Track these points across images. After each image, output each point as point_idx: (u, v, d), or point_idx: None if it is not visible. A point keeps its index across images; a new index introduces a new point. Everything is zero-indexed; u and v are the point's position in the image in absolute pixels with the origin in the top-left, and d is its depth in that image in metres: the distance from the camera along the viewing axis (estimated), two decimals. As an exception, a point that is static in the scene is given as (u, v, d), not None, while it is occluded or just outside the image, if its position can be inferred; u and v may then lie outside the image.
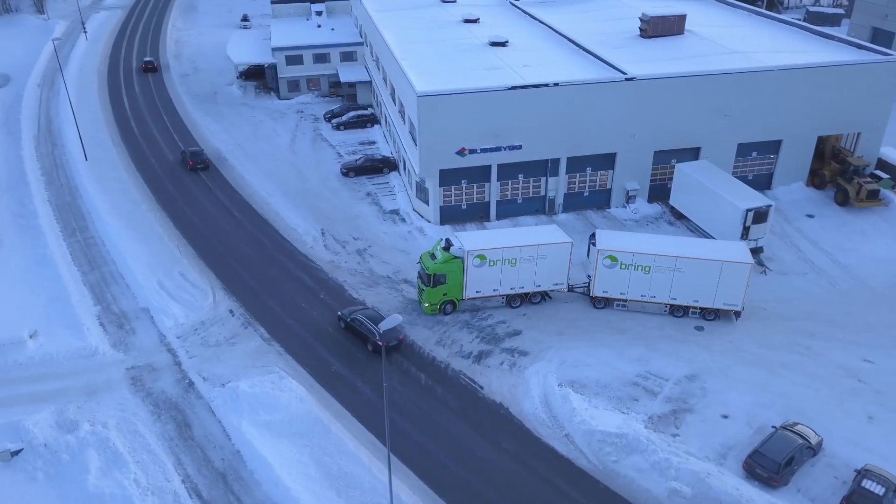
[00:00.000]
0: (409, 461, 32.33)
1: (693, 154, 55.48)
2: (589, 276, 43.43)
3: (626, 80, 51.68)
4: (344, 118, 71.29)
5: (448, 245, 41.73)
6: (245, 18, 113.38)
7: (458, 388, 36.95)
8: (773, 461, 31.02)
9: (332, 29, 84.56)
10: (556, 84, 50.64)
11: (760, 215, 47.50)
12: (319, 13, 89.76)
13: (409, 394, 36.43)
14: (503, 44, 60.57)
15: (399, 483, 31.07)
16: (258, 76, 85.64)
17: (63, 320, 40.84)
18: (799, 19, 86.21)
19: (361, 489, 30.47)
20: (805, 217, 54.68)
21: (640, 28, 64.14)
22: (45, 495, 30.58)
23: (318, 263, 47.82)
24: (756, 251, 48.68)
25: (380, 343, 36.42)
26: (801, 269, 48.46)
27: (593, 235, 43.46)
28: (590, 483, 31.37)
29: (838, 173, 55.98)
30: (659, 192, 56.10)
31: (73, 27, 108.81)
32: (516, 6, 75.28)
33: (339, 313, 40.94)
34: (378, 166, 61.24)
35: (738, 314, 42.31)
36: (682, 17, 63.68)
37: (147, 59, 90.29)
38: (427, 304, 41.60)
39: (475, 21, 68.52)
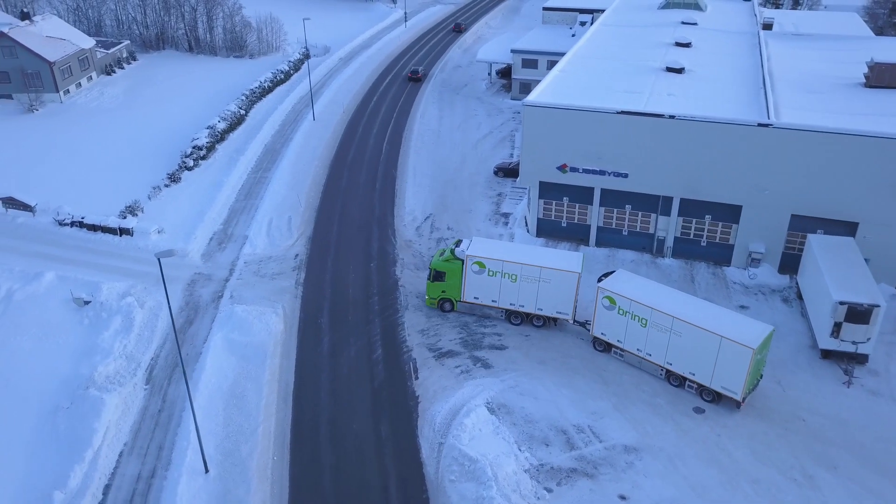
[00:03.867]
0: (297, 411, 35.95)
1: (848, 229, 45.93)
2: (598, 316, 40.67)
3: (759, 125, 45.19)
4: (540, 124, 73.13)
5: (457, 245, 43.08)
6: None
7: (397, 371, 38.89)
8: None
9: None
10: (671, 116, 46.77)
11: (858, 314, 38.40)
12: (583, 23, 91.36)
13: (354, 361, 39.59)
14: (679, 70, 56.66)
15: (272, 423, 35.12)
16: (509, 75, 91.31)
17: (188, 228, 52.60)
18: None
19: (241, 411, 35.33)
20: (983, 343, 41.64)
21: (864, 75, 53.97)
22: (79, 335, 41.65)
23: (397, 239, 52.46)
24: (854, 358, 39.59)
25: None
26: (903, 396, 37.94)
27: (607, 274, 40.44)
28: (416, 491, 31.47)
29: None
30: (793, 262, 47.78)
31: (410, 15, 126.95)
32: (761, 35, 68.05)
33: None
34: (526, 172, 62.56)
35: (738, 404, 35.87)
36: (922, 69, 51.75)
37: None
38: (427, 297, 43.59)
39: (686, 45, 64.35)
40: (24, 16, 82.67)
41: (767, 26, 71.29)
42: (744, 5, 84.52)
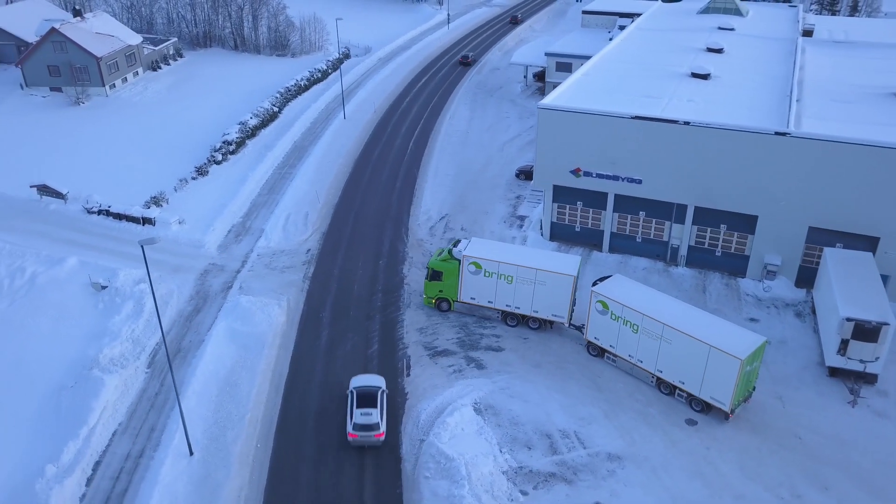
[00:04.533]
0: (287, 401, 36.66)
1: (868, 244, 44.31)
2: (594, 320, 40.26)
3: (777, 134, 43.99)
4: (568, 128, 72.63)
5: (455, 245, 43.25)
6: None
7: (390, 368, 39.27)
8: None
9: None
10: (686, 123, 45.93)
11: (866, 332, 37.06)
12: (622, 27, 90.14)
13: (349, 355, 40.13)
14: (704, 76, 55.55)
15: (260, 412, 35.92)
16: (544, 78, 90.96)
17: (207, 219, 54.05)
18: None
19: (233, 399, 36.25)
20: None
21: (899, 84, 52.05)
22: (94, 319, 43.28)
23: (409, 238, 52.87)
24: (863, 377, 38.20)
25: None
26: (911, 419, 36.39)
27: (603, 278, 40.02)
28: (391, 485, 31.80)
29: None
30: (810, 276, 46.30)
31: (454, 16, 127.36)
32: (798, 42, 66.10)
33: None
34: (548, 175, 62.21)
35: (727, 415, 35.10)
36: (960, 79, 49.49)
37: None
38: (425, 296, 43.84)
39: (718, 51, 62.98)
40: (77, 13, 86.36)
41: (808, 33, 69.21)
42: (788, 11, 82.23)
